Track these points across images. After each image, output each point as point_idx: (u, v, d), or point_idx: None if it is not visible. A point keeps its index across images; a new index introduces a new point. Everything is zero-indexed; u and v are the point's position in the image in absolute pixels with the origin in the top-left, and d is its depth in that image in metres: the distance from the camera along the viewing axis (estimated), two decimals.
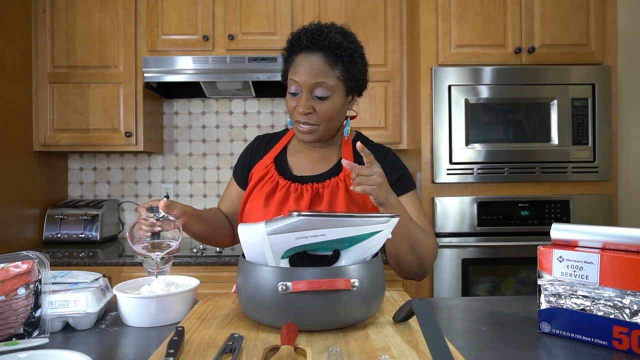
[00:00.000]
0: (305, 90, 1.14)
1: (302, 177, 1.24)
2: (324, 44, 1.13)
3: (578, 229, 0.85)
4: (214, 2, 2.52)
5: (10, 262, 0.87)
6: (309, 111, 1.15)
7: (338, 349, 0.72)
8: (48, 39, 2.51)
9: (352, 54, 1.15)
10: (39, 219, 2.58)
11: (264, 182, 1.23)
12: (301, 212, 0.84)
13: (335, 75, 1.15)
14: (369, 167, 1.03)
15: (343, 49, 1.14)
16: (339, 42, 1.14)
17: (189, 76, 2.45)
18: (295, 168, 1.27)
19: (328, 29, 1.16)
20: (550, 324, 0.85)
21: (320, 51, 1.14)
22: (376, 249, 0.90)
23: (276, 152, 1.30)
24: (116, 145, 2.53)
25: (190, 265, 2.21)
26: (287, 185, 1.21)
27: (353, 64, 1.16)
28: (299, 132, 1.19)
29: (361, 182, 1.01)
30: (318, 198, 1.18)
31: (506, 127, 2.24)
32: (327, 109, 1.15)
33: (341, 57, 1.14)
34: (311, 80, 1.13)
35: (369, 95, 2.53)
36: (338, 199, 1.17)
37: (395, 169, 1.23)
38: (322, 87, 1.13)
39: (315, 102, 1.15)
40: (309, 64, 1.14)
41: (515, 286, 2.21)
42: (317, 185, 1.19)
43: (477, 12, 2.26)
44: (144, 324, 0.93)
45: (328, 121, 1.17)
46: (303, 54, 1.15)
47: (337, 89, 1.16)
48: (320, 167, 1.26)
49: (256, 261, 0.87)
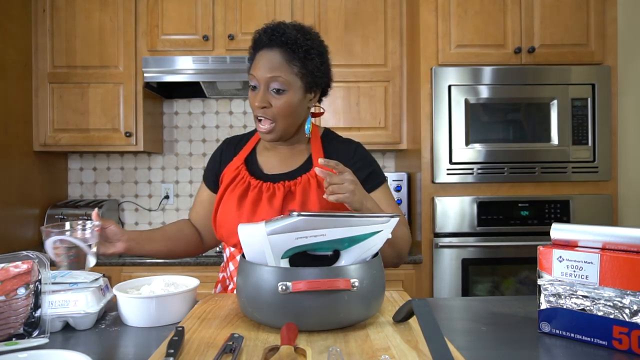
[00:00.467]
0: (262, 84, 1.16)
1: (273, 175, 1.25)
2: (281, 40, 1.16)
3: (578, 229, 0.85)
4: (214, 2, 2.52)
5: (10, 262, 0.87)
6: (264, 105, 1.16)
7: (338, 349, 0.72)
8: (48, 39, 2.51)
9: (308, 50, 1.17)
10: (39, 219, 2.57)
11: (236, 184, 1.24)
12: (301, 212, 0.84)
13: (292, 71, 1.16)
14: (340, 175, 1.04)
15: (299, 45, 1.16)
16: (295, 38, 1.16)
17: (189, 76, 2.45)
18: (266, 167, 1.27)
19: (286, 26, 1.18)
20: (550, 324, 0.85)
21: (278, 47, 1.16)
22: (376, 249, 0.90)
23: (246, 153, 1.30)
24: (116, 145, 2.53)
25: (190, 265, 2.21)
26: (259, 185, 1.21)
27: (309, 60, 1.18)
28: (259, 132, 1.21)
29: (334, 191, 1.02)
30: (290, 196, 1.19)
31: (506, 127, 2.24)
32: (282, 104, 1.16)
33: (297, 52, 1.16)
34: (267, 74, 1.15)
35: (369, 95, 2.53)
36: (310, 195, 1.18)
37: (364, 166, 1.25)
38: (278, 81, 1.15)
39: (272, 96, 1.16)
40: (267, 59, 1.16)
41: (515, 286, 2.21)
42: (289, 183, 1.20)
43: (477, 12, 2.26)
44: (144, 324, 0.93)
45: (285, 117, 1.18)
46: (263, 50, 1.18)
47: (293, 85, 1.17)
48: (290, 165, 1.26)
49: (256, 261, 0.87)
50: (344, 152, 1.26)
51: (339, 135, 1.34)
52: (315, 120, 1.37)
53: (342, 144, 1.30)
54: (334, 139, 1.32)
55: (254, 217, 1.18)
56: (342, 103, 2.53)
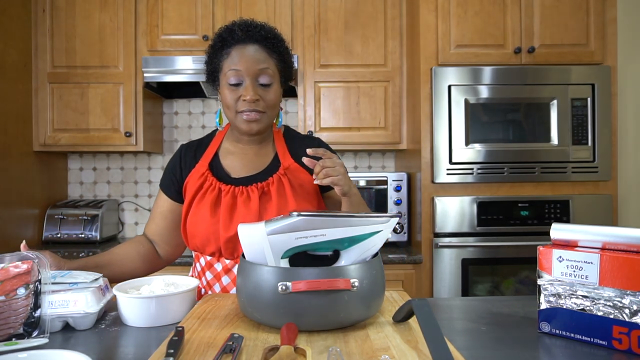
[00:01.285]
0: (249, 78, 1.15)
1: (242, 178, 1.22)
2: (260, 34, 1.16)
3: (578, 229, 0.85)
4: (214, 2, 2.52)
5: (10, 262, 0.87)
6: (256, 98, 1.14)
7: (338, 349, 0.72)
8: (48, 39, 2.51)
9: (286, 45, 1.21)
10: (38, 219, 2.58)
11: (204, 191, 1.19)
12: (301, 212, 0.84)
13: (274, 63, 1.18)
14: (331, 159, 1.07)
15: (279, 39, 1.19)
16: (273, 35, 1.18)
17: (189, 76, 2.45)
18: (233, 171, 1.24)
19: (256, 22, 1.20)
20: (550, 324, 0.85)
21: (256, 42, 1.16)
22: (376, 249, 0.90)
23: (208, 158, 1.25)
24: (116, 145, 2.53)
25: (190, 265, 2.21)
26: (230, 190, 1.18)
27: (286, 54, 1.21)
28: (244, 123, 1.17)
29: (328, 173, 1.05)
30: (266, 197, 1.18)
31: (506, 127, 2.24)
32: (272, 95, 1.17)
33: (277, 47, 1.18)
34: (255, 67, 1.14)
35: (369, 95, 2.53)
36: (286, 194, 1.17)
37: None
38: (266, 73, 1.16)
39: (260, 89, 1.16)
40: (249, 53, 1.15)
41: (515, 286, 2.21)
42: (261, 185, 1.19)
43: (477, 12, 2.26)
44: (143, 324, 0.93)
45: (272, 109, 1.19)
46: (238, 45, 1.16)
47: (276, 77, 1.19)
48: (257, 166, 1.24)
49: (256, 261, 0.87)
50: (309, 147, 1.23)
51: (298, 132, 1.35)
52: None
53: (304, 140, 1.30)
54: (295, 136, 1.32)
55: (231, 222, 1.15)
56: (342, 103, 2.53)
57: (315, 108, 2.52)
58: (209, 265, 1.21)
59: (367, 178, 2.44)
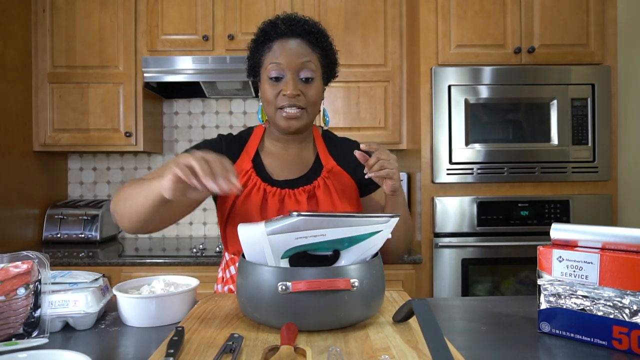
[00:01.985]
0: (290, 72, 1.11)
1: (286, 181, 1.18)
2: (304, 28, 1.12)
3: (578, 229, 0.85)
4: (214, 2, 2.52)
5: (10, 262, 0.87)
6: (297, 93, 1.10)
7: (338, 349, 0.72)
8: (48, 39, 2.51)
9: (330, 41, 1.17)
10: (38, 219, 2.58)
11: (249, 191, 1.14)
12: (301, 212, 0.84)
13: (317, 58, 1.15)
14: (385, 152, 1.04)
15: (322, 34, 1.15)
16: (316, 30, 1.14)
17: (189, 76, 2.45)
18: (275, 172, 1.20)
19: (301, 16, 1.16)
20: (550, 324, 0.85)
21: (299, 37, 1.13)
22: (376, 249, 0.90)
23: (251, 155, 1.20)
24: (116, 145, 2.53)
25: (190, 265, 2.21)
26: (277, 192, 1.14)
27: (331, 50, 1.17)
28: (283, 120, 1.12)
29: (384, 165, 1.02)
30: (312, 200, 1.16)
31: (506, 127, 2.24)
32: (313, 91, 1.13)
33: (321, 41, 1.14)
34: (297, 60, 1.10)
35: (369, 95, 2.53)
36: (333, 197, 1.15)
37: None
38: (308, 68, 1.12)
39: (301, 85, 1.12)
40: (291, 47, 1.12)
41: (515, 286, 2.21)
42: (309, 187, 1.16)
43: (477, 12, 2.26)
44: (143, 324, 0.93)
45: (313, 106, 1.15)
46: (281, 39, 1.12)
47: (318, 73, 1.15)
48: (300, 168, 1.21)
49: (256, 261, 0.87)
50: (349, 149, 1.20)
51: (335, 135, 1.33)
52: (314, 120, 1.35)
53: (343, 142, 1.28)
54: (333, 137, 1.30)
55: None
56: (342, 103, 2.53)
57: None
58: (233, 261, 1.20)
59: None
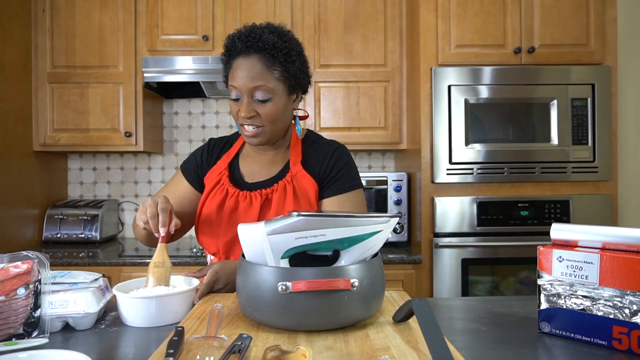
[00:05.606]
0: (245, 94, 1.13)
1: (251, 184, 1.24)
2: (258, 45, 1.12)
3: (578, 229, 0.85)
4: (214, 2, 2.52)
5: (10, 262, 0.87)
6: (251, 115, 1.14)
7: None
8: (48, 39, 2.51)
9: (288, 52, 1.14)
10: (38, 219, 2.57)
11: (216, 191, 1.23)
12: (301, 212, 0.84)
13: (274, 77, 1.13)
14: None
15: (278, 49, 1.12)
16: (274, 42, 1.12)
17: (189, 76, 2.45)
18: (247, 175, 1.26)
19: (262, 30, 1.14)
20: (550, 324, 0.85)
21: (256, 53, 1.12)
22: (376, 249, 0.90)
23: (229, 157, 1.29)
24: (116, 145, 2.53)
25: (190, 265, 2.21)
26: (235, 194, 1.20)
27: (290, 63, 1.15)
28: (245, 136, 1.19)
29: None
30: (267, 204, 1.18)
31: (506, 127, 2.24)
32: (269, 110, 1.14)
33: (277, 57, 1.13)
34: (250, 85, 1.12)
35: (369, 95, 2.53)
36: (286, 202, 1.17)
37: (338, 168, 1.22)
38: (262, 90, 1.12)
39: (257, 105, 1.14)
40: (246, 68, 1.12)
41: (515, 286, 2.21)
42: (265, 191, 1.19)
43: (477, 12, 2.26)
44: (143, 324, 0.93)
45: (272, 123, 1.16)
46: (240, 57, 1.14)
47: (277, 90, 1.14)
48: (269, 172, 1.25)
49: (256, 261, 0.87)
50: (321, 155, 1.23)
51: (321, 138, 1.31)
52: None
53: (322, 147, 1.26)
54: (315, 141, 1.29)
55: (230, 226, 1.17)
56: (342, 103, 2.53)
57: (315, 108, 2.52)
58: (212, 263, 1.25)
59: (367, 178, 2.44)
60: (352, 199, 1.22)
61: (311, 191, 1.20)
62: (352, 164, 1.26)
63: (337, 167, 1.22)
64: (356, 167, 1.28)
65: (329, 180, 1.21)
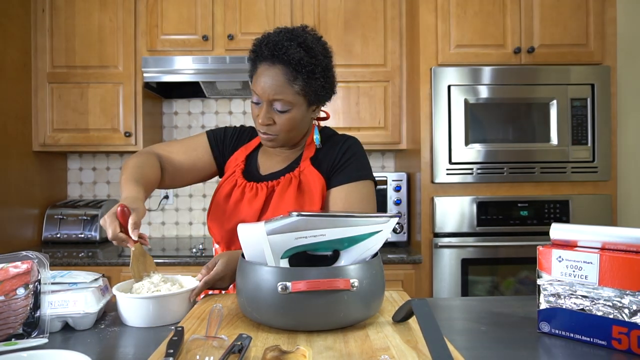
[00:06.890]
0: (264, 102, 1.14)
1: (263, 176, 1.26)
2: (283, 58, 1.11)
3: (577, 229, 0.85)
4: (214, 2, 2.52)
5: (9, 262, 0.87)
6: (268, 122, 1.15)
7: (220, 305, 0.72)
8: (47, 39, 2.51)
9: (312, 69, 1.12)
10: (38, 219, 2.57)
11: (229, 180, 1.26)
12: (301, 212, 0.84)
13: (294, 91, 1.13)
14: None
15: (302, 65, 1.11)
16: (299, 58, 1.10)
17: (189, 76, 2.45)
18: (263, 167, 1.29)
19: (290, 41, 1.12)
20: (550, 324, 0.85)
21: (280, 64, 1.11)
22: (376, 249, 0.90)
23: (249, 149, 1.32)
24: (115, 145, 2.53)
25: (190, 265, 2.21)
26: (243, 185, 1.23)
27: (313, 79, 1.13)
28: (261, 138, 1.21)
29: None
30: (272, 195, 1.20)
31: (506, 127, 2.24)
32: (286, 121, 1.15)
33: (301, 72, 1.11)
34: (270, 95, 1.12)
35: (368, 95, 2.53)
36: (288, 194, 1.18)
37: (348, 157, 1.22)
38: (281, 102, 1.13)
39: (275, 114, 1.15)
40: (269, 77, 1.12)
41: (514, 286, 2.21)
42: (272, 183, 1.21)
43: (477, 13, 2.26)
44: (143, 324, 0.93)
45: (287, 132, 1.18)
46: (265, 64, 1.14)
47: (296, 103, 1.14)
48: (281, 166, 1.27)
49: (256, 261, 0.87)
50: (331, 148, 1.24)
51: (336, 133, 1.32)
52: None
53: (336, 141, 1.26)
54: (330, 137, 1.29)
55: (233, 216, 1.20)
56: (342, 103, 2.53)
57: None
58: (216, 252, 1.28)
59: None
60: (360, 189, 1.21)
61: (317, 188, 1.20)
62: (362, 154, 1.26)
63: (347, 155, 1.22)
64: (368, 160, 1.27)
65: (338, 168, 1.21)
